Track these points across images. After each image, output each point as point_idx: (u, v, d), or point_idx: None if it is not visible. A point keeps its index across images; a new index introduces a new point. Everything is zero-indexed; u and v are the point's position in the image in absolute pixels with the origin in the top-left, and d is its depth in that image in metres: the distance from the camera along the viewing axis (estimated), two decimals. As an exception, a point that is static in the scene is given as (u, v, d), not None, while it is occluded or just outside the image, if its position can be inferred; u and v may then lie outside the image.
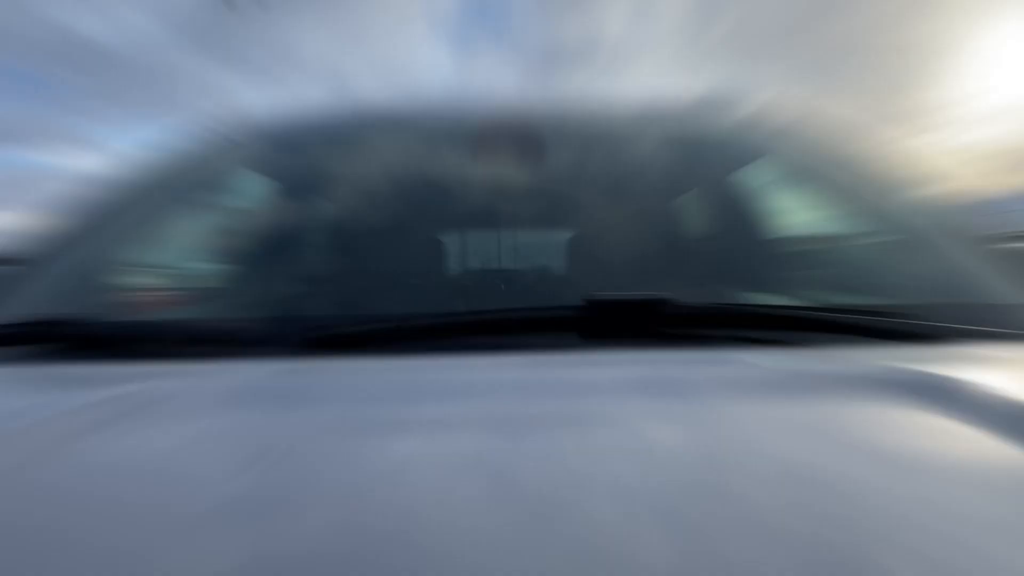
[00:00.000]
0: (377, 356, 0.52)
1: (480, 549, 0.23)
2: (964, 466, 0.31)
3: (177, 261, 1.00)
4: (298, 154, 1.01)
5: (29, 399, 0.45)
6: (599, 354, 0.52)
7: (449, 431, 0.36)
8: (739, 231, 1.00)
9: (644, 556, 0.23)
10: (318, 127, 1.03)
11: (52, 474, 0.31)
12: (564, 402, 0.40)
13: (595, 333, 0.54)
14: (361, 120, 1.03)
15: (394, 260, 0.84)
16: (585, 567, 0.22)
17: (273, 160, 1.00)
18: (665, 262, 0.84)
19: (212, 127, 1.00)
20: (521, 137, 0.93)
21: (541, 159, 0.93)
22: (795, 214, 1.00)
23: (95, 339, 0.57)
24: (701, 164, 1.01)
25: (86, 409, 0.39)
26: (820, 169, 0.93)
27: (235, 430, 0.38)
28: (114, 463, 0.33)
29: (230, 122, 1.01)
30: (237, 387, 0.46)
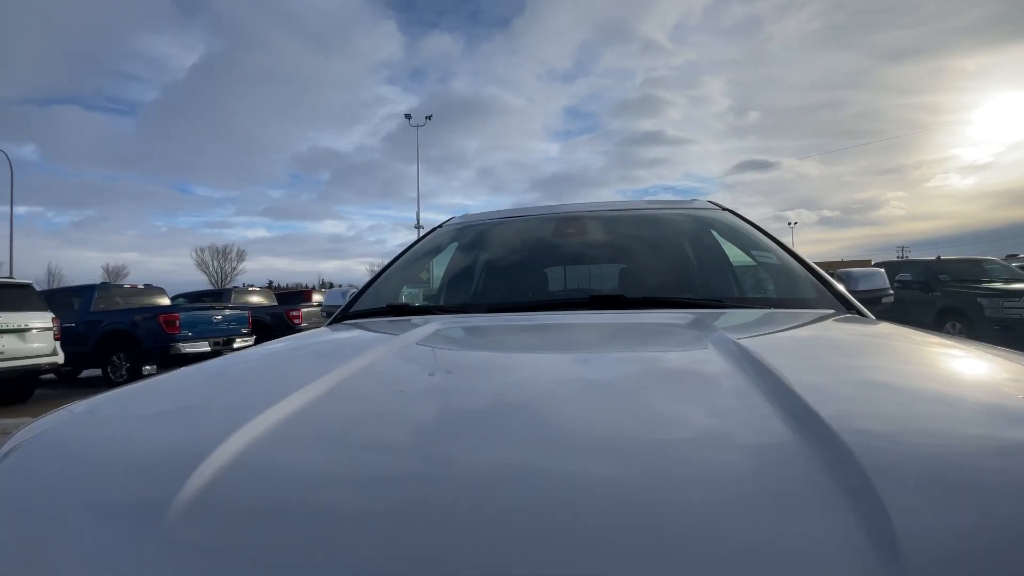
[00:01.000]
0: (521, 313, 1.39)
1: (559, 388, 0.70)
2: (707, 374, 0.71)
3: (423, 286, 2.28)
4: (477, 234, 2.08)
5: (387, 330, 1.23)
6: (598, 313, 1.28)
7: (552, 334, 1.14)
8: (679, 266, 1.76)
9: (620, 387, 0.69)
10: (486, 220, 2.16)
11: (404, 356, 0.92)
12: (586, 327, 1.18)
13: (597, 306, 1.31)
14: (509, 214, 2.19)
15: (525, 280, 1.81)
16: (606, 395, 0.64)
17: (464, 235, 2.07)
18: (640, 280, 1.71)
19: (434, 223, 2.25)
20: (580, 224, 1.96)
21: (589, 234, 1.90)
22: (715, 259, 1.82)
23: (402, 309, 1.52)
24: (661, 236, 1.84)
25: (409, 334, 1.06)
26: (734, 236, 1.78)
27: (463, 343, 1.13)
28: (423, 353, 0.96)
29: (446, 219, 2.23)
30: (461, 325, 1.26)
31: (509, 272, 1.87)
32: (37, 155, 76.47)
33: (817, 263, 1.58)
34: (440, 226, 2.17)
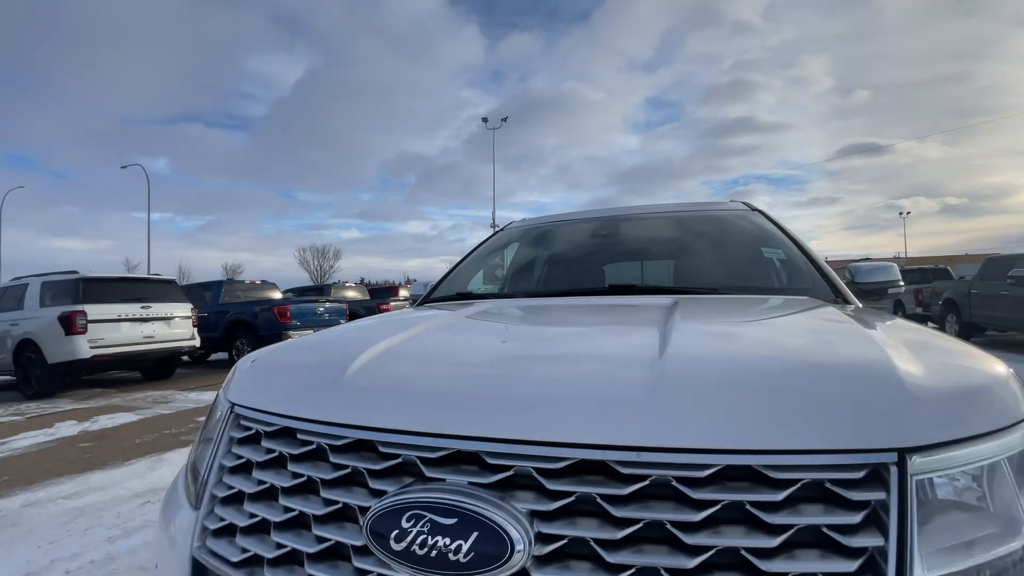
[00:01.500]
0: (555, 297, 1.85)
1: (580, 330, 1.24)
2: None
3: (489, 280, 2.64)
4: (530, 236, 2.51)
5: (450, 308, 1.67)
6: (611, 297, 1.67)
7: (566, 309, 1.53)
8: (695, 260, 2.07)
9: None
10: (538, 223, 2.57)
11: (459, 317, 1.42)
12: (588, 308, 1.51)
13: (618, 292, 1.70)
14: (559, 218, 2.60)
15: (563, 273, 2.23)
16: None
17: (520, 237, 2.50)
18: (659, 273, 2.18)
19: (500, 223, 2.88)
20: (617, 225, 2.37)
21: (623, 234, 2.33)
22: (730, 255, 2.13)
23: (467, 296, 2.00)
24: (685, 235, 2.17)
25: (466, 309, 1.60)
26: (755, 233, 2.07)
27: (499, 314, 1.52)
28: (474, 318, 1.44)
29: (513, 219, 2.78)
30: (502, 304, 1.70)
31: (551, 266, 2.29)
32: (168, 168, 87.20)
33: (930, 258, 1.89)
34: (501, 229, 2.60)
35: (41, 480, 3.54)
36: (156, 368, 8.76)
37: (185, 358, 9.47)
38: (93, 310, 7.28)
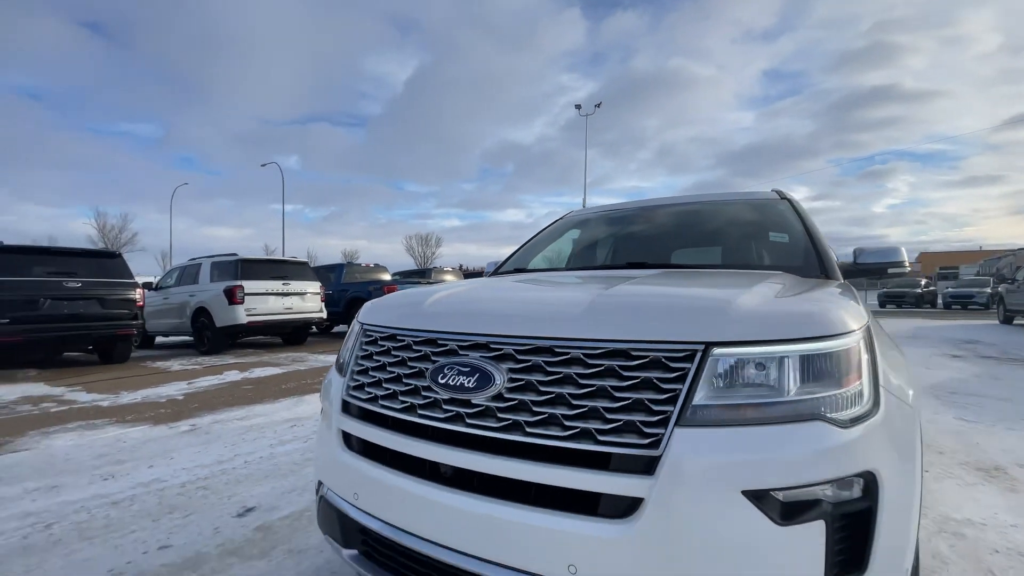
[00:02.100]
0: (592, 271, 2.25)
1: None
2: None
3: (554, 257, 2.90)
4: (581, 222, 3.03)
5: (508, 277, 2.24)
6: (628, 270, 2.09)
7: (593, 279, 1.75)
8: (713, 242, 2.47)
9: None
10: (590, 213, 3.11)
11: (508, 279, 2.07)
12: (611, 276, 1.84)
13: (633, 267, 2.14)
14: (608, 208, 3.09)
15: (602, 252, 2.79)
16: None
17: (573, 224, 3.02)
18: (681, 252, 2.45)
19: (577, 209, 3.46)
20: (653, 213, 2.83)
21: (656, 221, 2.76)
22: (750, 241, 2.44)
23: (523, 269, 2.59)
24: (709, 221, 2.59)
25: (516, 275, 2.34)
26: (774, 219, 2.41)
27: (538, 278, 2.07)
28: (517, 280, 1.99)
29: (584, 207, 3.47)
30: (544, 275, 2.31)
31: (585, 246, 2.79)
32: (299, 164, 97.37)
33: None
34: (561, 218, 3.11)
35: (220, 408, 4.71)
36: (293, 335, 10.43)
37: (314, 328, 11.07)
38: (248, 285, 8.92)
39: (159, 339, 11.93)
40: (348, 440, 1.42)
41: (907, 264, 2.11)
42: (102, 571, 1.95)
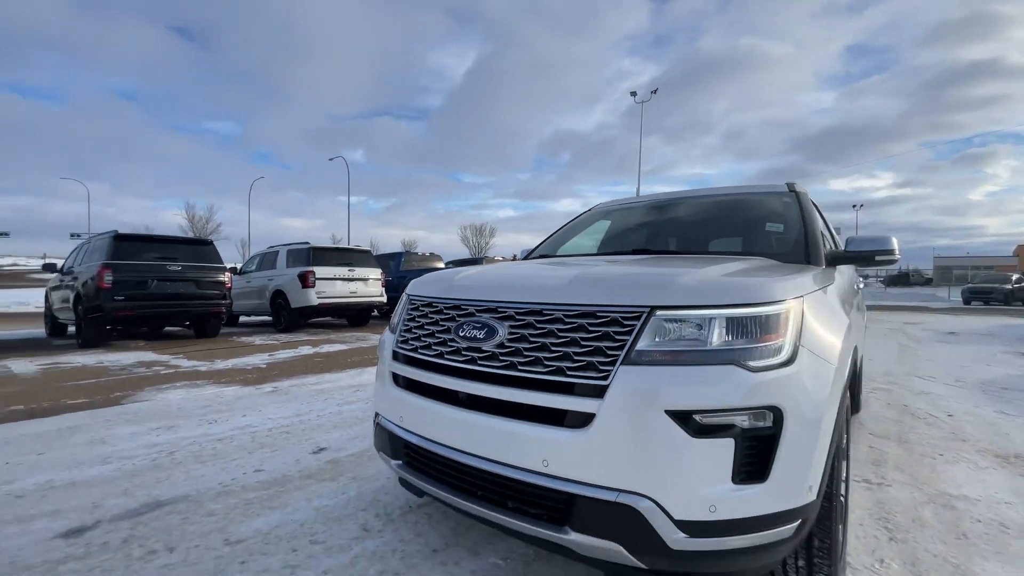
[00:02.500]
0: (623, 256, 2.50)
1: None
2: None
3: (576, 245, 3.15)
4: (604, 212, 3.39)
5: (524, 260, 2.90)
6: (633, 255, 2.45)
7: (600, 260, 2.25)
8: (714, 231, 2.74)
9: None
10: (615, 205, 3.44)
11: (519, 264, 2.44)
12: (612, 261, 2.18)
13: (638, 253, 2.51)
14: (631, 200, 3.43)
15: (620, 240, 3.08)
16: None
17: (600, 214, 3.38)
18: (682, 240, 2.76)
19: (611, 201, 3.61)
20: (672, 207, 3.11)
21: (671, 212, 3.08)
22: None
23: (546, 256, 2.92)
24: (718, 213, 2.87)
25: (542, 259, 2.76)
26: (777, 210, 2.62)
27: (561, 260, 2.50)
28: (526, 264, 2.37)
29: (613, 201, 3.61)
30: (560, 259, 2.66)
31: (611, 235, 3.11)
32: (364, 158, 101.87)
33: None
34: (591, 209, 3.45)
35: (296, 375, 5.42)
36: (357, 316, 11.31)
37: (375, 312, 11.90)
38: (319, 271, 9.80)
39: (242, 318, 13.24)
40: (396, 379, 1.88)
41: (897, 253, 2.28)
42: (214, 484, 2.54)
